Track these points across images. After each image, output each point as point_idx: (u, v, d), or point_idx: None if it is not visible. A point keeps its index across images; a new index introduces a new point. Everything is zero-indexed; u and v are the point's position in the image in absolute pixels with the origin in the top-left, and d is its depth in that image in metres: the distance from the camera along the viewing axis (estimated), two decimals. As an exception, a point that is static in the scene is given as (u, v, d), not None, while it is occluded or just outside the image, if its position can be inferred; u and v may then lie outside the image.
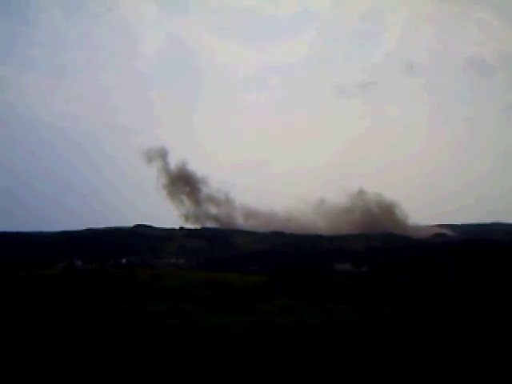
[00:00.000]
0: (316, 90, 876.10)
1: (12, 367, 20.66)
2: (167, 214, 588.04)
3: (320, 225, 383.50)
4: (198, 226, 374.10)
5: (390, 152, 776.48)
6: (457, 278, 76.50)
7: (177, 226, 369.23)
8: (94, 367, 20.87)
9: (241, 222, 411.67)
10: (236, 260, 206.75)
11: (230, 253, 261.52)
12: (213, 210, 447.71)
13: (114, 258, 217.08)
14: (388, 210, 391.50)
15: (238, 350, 24.04)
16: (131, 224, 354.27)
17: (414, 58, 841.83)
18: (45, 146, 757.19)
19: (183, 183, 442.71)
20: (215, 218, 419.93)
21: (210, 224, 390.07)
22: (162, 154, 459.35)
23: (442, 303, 47.34)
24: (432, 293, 59.18)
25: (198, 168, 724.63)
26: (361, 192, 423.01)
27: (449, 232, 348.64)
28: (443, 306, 45.18)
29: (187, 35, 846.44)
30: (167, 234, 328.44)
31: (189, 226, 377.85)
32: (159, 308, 42.77)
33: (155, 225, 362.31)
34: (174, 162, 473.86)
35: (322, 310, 44.63)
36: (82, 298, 49.13)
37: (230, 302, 48.49)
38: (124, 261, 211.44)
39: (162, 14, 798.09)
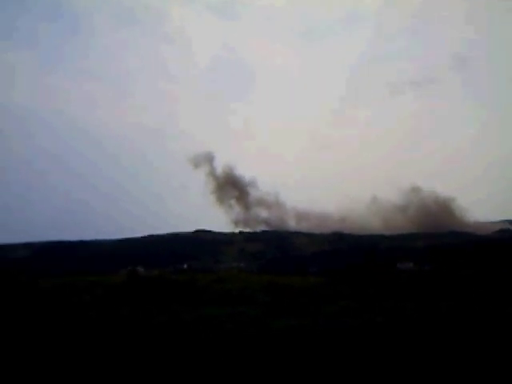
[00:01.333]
0: (370, 88, 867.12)
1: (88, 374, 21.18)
2: (227, 219, 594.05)
3: (375, 224, 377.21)
4: (257, 230, 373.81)
5: (445, 148, 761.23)
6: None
7: (236, 230, 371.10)
8: (160, 371, 21.21)
9: (293, 225, 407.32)
10: (296, 262, 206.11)
11: (289, 255, 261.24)
12: (263, 213, 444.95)
13: (175, 263, 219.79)
14: (445, 207, 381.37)
15: (302, 353, 23.98)
16: (191, 229, 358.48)
17: (467, 53, 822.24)
18: (103, 154, 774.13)
19: (231, 187, 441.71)
20: (266, 222, 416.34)
21: (261, 228, 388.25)
22: (209, 159, 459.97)
23: (499, 305, 46.01)
24: (496, 292, 57.69)
25: (245, 171, 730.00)
26: (414, 189, 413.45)
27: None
28: (500, 308, 43.86)
29: (238, 40, 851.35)
30: (227, 239, 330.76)
31: (248, 229, 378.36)
32: (221, 312, 43.02)
33: (215, 229, 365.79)
34: (220, 167, 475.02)
35: (385, 310, 44.03)
36: (147, 304, 49.95)
37: (292, 305, 48.41)
38: (185, 266, 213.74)
39: (213, 20, 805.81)
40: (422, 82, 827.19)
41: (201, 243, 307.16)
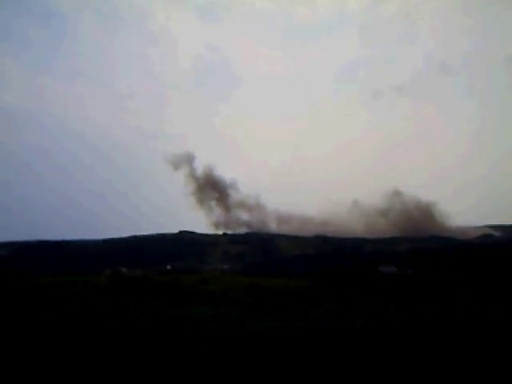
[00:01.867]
0: (354, 91, 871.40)
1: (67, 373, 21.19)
2: (207, 221, 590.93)
3: (356, 227, 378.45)
4: (241, 232, 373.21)
5: (427, 153, 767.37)
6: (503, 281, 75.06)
7: (220, 232, 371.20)
8: (142, 371, 21.30)
9: (274, 228, 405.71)
10: (279, 264, 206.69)
11: (273, 257, 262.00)
12: (244, 215, 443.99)
13: (159, 264, 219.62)
14: (427, 211, 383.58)
15: (285, 354, 24.17)
16: (176, 230, 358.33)
17: (450, 58, 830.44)
18: (87, 154, 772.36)
19: (211, 189, 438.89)
20: (247, 224, 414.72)
21: (243, 230, 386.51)
22: (189, 160, 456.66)
23: (483, 308, 46.52)
24: (476, 296, 58.28)
25: (226, 173, 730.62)
26: (396, 193, 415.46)
27: (496, 233, 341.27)
28: (483, 311, 44.37)
29: (222, 41, 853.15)
30: (211, 240, 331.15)
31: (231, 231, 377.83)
32: (204, 313, 43.13)
33: (199, 231, 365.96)
34: (201, 168, 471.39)
35: (368, 313, 44.35)
36: (130, 304, 49.90)
37: (275, 307, 48.62)
38: (169, 267, 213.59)
39: (196, 22, 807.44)
40: (406, 86, 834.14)
41: (185, 244, 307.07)
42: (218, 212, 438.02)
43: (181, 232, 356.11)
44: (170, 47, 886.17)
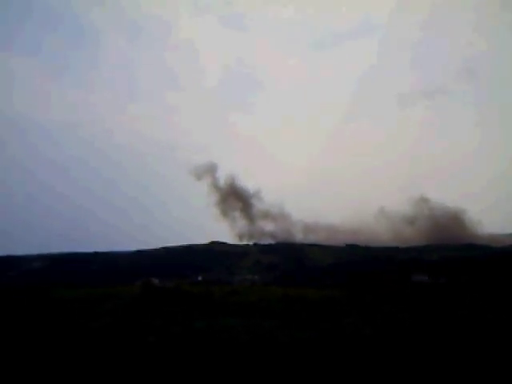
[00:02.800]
0: (378, 99, 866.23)
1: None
2: (231, 232, 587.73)
3: (384, 235, 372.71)
4: (272, 242, 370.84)
5: (453, 159, 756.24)
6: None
7: (251, 242, 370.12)
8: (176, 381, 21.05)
9: (300, 238, 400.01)
10: (311, 274, 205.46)
11: (304, 267, 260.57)
12: (268, 226, 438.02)
13: (190, 275, 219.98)
14: (456, 218, 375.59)
15: (318, 366, 23.71)
16: (206, 241, 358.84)
17: (475, 63, 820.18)
18: (114, 166, 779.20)
19: (235, 199, 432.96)
20: (271, 235, 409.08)
21: (268, 241, 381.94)
22: (211, 170, 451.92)
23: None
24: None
25: (249, 183, 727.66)
26: (423, 199, 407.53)
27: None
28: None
29: (246, 50, 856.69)
30: (242, 250, 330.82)
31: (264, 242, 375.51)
32: (235, 324, 42.74)
33: (230, 241, 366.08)
34: (223, 178, 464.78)
35: (399, 323, 43.57)
36: (161, 315, 49.78)
37: (307, 318, 48.05)
38: (200, 278, 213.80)
39: (220, 32, 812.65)
40: (430, 92, 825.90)
41: (215, 255, 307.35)
42: (241, 223, 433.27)
43: (211, 243, 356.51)
44: (194, 57, 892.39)
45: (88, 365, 24.54)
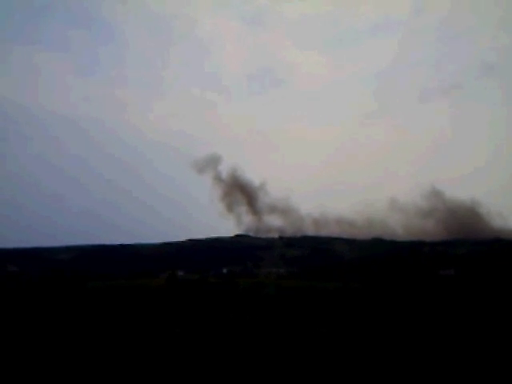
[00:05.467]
0: (399, 95, 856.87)
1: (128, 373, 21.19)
2: (237, 228, 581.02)
3: (399, 229, 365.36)
4: (297, 235, 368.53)
5: (471, 154, 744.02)
6: None
7: (276, 236, 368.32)
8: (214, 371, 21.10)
9: (311, 232, 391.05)
10: (336, 268, 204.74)
11: (329, 261, 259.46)
12: (276, 221, 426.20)
13: (215, 267, 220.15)
14: (473, 211, 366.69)
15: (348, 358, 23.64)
16: (231, 234, 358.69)
17: (495, 59, 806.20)
18: (141, 161, 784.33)
19: (240, 193, 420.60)
20: (279, 230, 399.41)
21: (297, 234, 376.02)
22: (215, 163, 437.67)
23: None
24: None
25: (254, 176, 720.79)
26: (435, 192, 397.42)
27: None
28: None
29: (268, 47, 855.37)
30: (267, 243, 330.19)
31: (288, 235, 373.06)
32: (260, 315, 42.84)
33: (260, 233, 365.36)
34: (228, 171, 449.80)
35: (426, 316, 43.29)
36: (186, 306, 50.06)
37: (331, 310, 47.95)
38: (225, 270, 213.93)
39: (242, 28, 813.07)
40: (450, 88, 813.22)
41: (240, 248, 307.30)
42: (248, 218, 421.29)
43: (237, 236, 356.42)
44: (217, 54, 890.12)
45: (117, 354, 24.80)
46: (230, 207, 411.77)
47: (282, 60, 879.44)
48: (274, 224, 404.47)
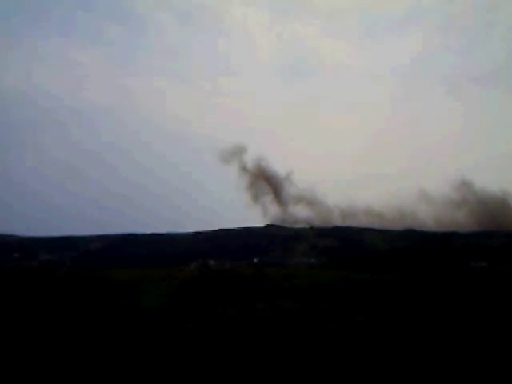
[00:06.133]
0: (428, 86, 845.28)
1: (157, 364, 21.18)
2: (263, 218, 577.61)
3: (431, 220, 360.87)
4: (329, 225, 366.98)
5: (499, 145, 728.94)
6: None
7: (307, 226, 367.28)
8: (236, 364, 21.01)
9: (339, 223, 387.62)
10: (368, 259, 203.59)
11: (361, 251, 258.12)
12: (302, 211, 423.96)
13: (246, 257, 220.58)
14: (505, 203, 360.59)
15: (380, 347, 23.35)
16: (262, 224, 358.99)
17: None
18: (174, 148, 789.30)
19: (265, 183, 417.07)
20: (305, 222, 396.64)
21: (328, 225, 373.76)
22: (240, 152, 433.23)
23: None
24: None
25: (281, 167, 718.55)
26: (465, 183, 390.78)
27: None
28: None
29: (297, 37, 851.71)
30: (298, 234, 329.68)
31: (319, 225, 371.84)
32: (292, 306, 42.65)
33: (286, 224, 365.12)
34: (254, 161, 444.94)
35: (456, 307, 42.64)
36: (218, 296, 50.12)
37: (364, 301, 47.56)
38: (256, 260, 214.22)
39: (274, 18, 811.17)
40: (479, 77, 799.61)
41: (272, 238, 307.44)
42: (273, 208, 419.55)
43: (268, 226, 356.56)
44: (246, 43, 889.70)
45: (144, 346, 24.85)
46: (256, 198, 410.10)
47: (311, 50, 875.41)
48: (301, 215, 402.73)
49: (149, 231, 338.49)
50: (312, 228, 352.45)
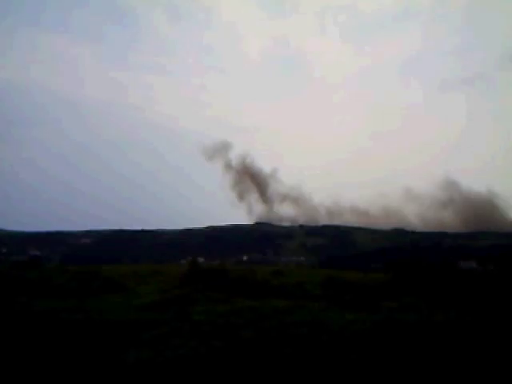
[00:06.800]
0: (419, 84, 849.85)
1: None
2: (248, 216, 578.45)
3: (417, 219, 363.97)
4: (318, 224, 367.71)
5: (490, 145, 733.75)
6: None
7: (297, 224, 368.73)
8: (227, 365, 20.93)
9: (325, 222, 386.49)
10: (357, 258, 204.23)
11: (350, 250, 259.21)
12: (287, 209, 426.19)
13: (235, 255, 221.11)
14: (491, 203, 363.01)
15: (365, 348, 23.31)
16: (252, 222, 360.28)
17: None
18: (163, 145, 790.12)
19: (250, 180, 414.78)
20: (292, 220, 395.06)
21: (319, 223, 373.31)
22: (225, 149, 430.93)
23: None
24: None
25: (266, 164, 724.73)
26: (450, 182, 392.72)
27: None
28: None
29: (288, 36, 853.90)
30: (287, 232, 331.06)
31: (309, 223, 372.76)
32: (282, 305, 42.61)
33: (273, 223, 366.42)
34: (238, 158, 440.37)
35: (445, 308, 42.70)
36: (205, 294, 50.06)
37: (352, 300, 47.61)
38: (245, 258, 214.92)
39: (264, 16, 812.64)
40: (471, 78, 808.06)
41: (261, 236, 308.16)
42: (259, 206, 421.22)
43: (257, 224, 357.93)
44: (236, 40, 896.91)
45: (131, 344, 24.68)
46: (241, 196, 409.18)
47: (300, 47, 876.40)
48: (287, 213, 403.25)
49: (138, 227, 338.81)
50: (301, 226, 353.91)
